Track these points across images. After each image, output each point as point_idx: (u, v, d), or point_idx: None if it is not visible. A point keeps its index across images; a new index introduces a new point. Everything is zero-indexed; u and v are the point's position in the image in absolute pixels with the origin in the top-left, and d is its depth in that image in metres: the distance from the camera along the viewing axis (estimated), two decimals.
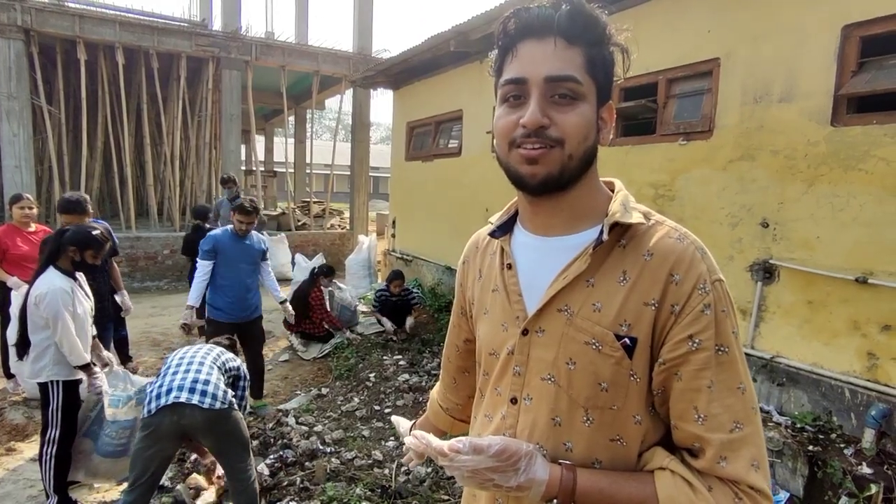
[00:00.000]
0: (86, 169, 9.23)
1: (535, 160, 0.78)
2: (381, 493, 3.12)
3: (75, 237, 2.75)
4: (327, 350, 5.82)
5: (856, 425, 2.97)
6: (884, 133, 2.87)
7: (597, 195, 0.87)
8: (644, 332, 0.77)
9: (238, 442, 2.56)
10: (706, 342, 0.75)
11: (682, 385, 0.76)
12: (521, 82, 0.78)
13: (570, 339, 0.80)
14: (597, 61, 0.80)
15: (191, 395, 2.36)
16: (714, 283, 0.77)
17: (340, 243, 11.05)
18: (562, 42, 0.77)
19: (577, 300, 0.81)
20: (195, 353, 2.66)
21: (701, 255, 0.79)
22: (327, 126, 43.77)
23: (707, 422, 0.74)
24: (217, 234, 4.08)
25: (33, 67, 8.45)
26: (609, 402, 0.79)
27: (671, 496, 0.72)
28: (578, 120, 0.78)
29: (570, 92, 0.77)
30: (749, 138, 3.46)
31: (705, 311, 0.75)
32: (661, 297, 0.77)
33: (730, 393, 0.75)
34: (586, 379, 0.79)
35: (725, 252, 3.60)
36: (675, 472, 0.74)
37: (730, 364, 0.76)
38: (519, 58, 0.79)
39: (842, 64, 3.04)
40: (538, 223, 0.88)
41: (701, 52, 3.74)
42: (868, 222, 2.93)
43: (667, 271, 0.77)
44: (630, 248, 0.81)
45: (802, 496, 2.88)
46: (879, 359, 2.91)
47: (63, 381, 2.75)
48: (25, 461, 3.36)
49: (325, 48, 10.75)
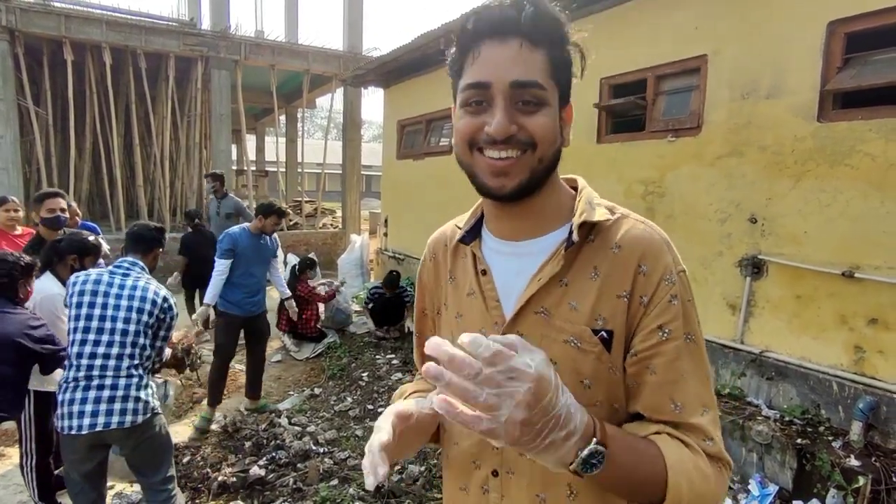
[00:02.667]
0: (74, 170, 9.15)
1: (503, 172, 0.77)
2: (374, 493, 3.12)
3: (73, 245, 2.72)
4: (320, 350, 5.82)
5: (844, 418, 3.00)
6: (869, 128, 2.89)
7: (561, 196, 0.87)
8: (619, 324, 0.78)
9: (155, 449, 2.38)
10: (675, 331, 0.76)
11: (658, 378, 0.76)
12: (484, 87, 0.75)
13: (549, 339, 0.80)
14: (559, 64, 0.78)
15: (108, 418, 2.15)
16: (679, 274, 0.79)
17: (332, 242, 11.02)
18: (526, 44, 0.74)
19: (553, 301, 0.81)
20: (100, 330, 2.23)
21: (666, 246, 0.81)
22: (318, 125, 43.61)
23: (684, 409, 0.76)
24: (235, 233, 4.16)
25: (19, 68, 8.35)
26: (592, 399, 0.79)
27: (675, 452, 0.73)
28: (547, 122, 0.77)
29: (535, 98, 0.75)
30: (737, 134, 3.48)
31: (673, 302, 0.77)
32: (632, 288, 0.78)
33: (699, 382, 0.78)
34: (569, 377, 0.77)
35: (714, 248, 3.62)
36: (672, 434, 0.75)
37: (697, 351, 0.78)
38: (481, 60, 0.76)
39: (827, 60, 3.07)
40: (506, 228, 0.88)
41: (689, 48, 3.75)
42: (854, 217, 2.95)
43: (635, 263, 0.78)
44: (598, 244, 0.81)
45: (791, 489, 2.91)
46: (866, 352, 2.94)
47: (34, 390, 2.66)
48: (14, 466, 3.32)
49: (315, 47, 10.71)
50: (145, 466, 2.40)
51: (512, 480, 0.84)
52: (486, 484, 0.87)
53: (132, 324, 2.29)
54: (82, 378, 2.18)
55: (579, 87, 0.86)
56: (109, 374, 2.20)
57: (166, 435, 2.46)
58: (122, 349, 2.25)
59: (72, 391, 2.18)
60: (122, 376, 2.22)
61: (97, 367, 2.19)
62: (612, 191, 4.25)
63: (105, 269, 2.41)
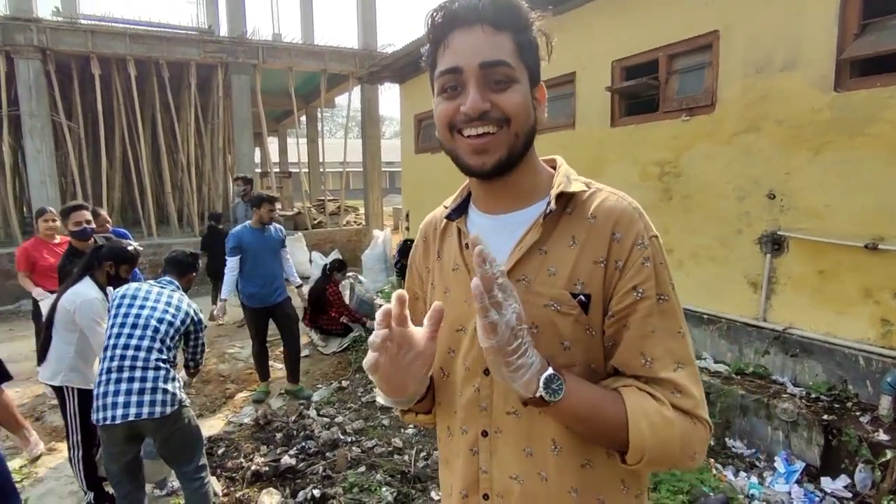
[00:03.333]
0: (107, 180, 9.52)
1: (483, 149, 0.82)
2: (400, 479, 3.21)
3: (112, 252, 2.89)
4: (346, 344, 5.94)
5: (872, 393, 2.95)
6: (889, 95, 2.82)
7: (540, 173, 0.93)
8: (596, 288, 0.83)
9: (184, 439, 2.52)
10: (648, 291, 0.81)
11: (631, 333, 0.82)
12: (456, 71, 0.81)
13: (531, 304, 0.84)
14: (524, 45, 0.83)
15: (140, 408, 2.30)
16: (651, 239, 0.84)
17: (356, 239, 11.18)
18: (489, 29, 0.80)
19: (533, 268, 0.86)
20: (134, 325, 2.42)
21: (638, 214, 0.85)
22: (339, 124, 44.03)
23: (653, 364, 0.81)
24: (238, 231, 4.43)
25: (51, 85, 8.71)
26: (571, 360, 0.84)
27: (638, 400, 0.78)
28: (519, 99, 0.81)
29: (505, 77, 0.81)
30: (752, 110, 3.42)
31: (645, 264, 0.82)
32: (607, 254, 0.83)
33: (671, 338, 0.82)
34: (550, 340, 0.83)
35: (733, 226, 3.58)
36: (640, 388, 0.80)
37: (670, 311, 0.83)
38: (451, 48, 0.82)
39: (843, 27, 2.99)
40: (490, 203, 0.94)
41: (699, 25, 3.70)
42: (876, 187, 2.89)
43: (609, 230, 0.84)
44: (575, 214, 0.87)
45: (819, 465, 2.88)
46: (894, 325, 2.88)
47: (78, 388, 2.85)
48: (65, 459, 3.53)
49: (330, 46, 10.83)
50: (178, 456, 2.55)
51: (500, 439, 0.89)
52: (476, 446, 0.92)
53: (163, 325, 2.50)
54: (115, 369, 2.34)
55: (591, 72, 0.91)
56: (139, 366, 2.36)
57: (195, 426, 2.61)
58: (151, 343, 2.42)
59: (105, 384, 2.34)
60: (150, 368, 2.38)
61: (129, 357, 2.36)
62: (628, 173, 4.23)
63: (146, 283, 2.65)
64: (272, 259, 4.50)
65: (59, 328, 2.82)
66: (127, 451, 2.44)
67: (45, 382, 2.96)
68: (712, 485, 2.85)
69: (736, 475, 3.00)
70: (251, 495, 3.12)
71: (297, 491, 3.14)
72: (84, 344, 2.84)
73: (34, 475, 3.42)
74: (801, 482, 2.84)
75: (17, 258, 4.44)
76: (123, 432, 2.35)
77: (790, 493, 2.78)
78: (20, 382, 4.96)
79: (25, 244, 4.50)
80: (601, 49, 4.34)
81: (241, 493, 3.14)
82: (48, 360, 2.85)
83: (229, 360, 5.60)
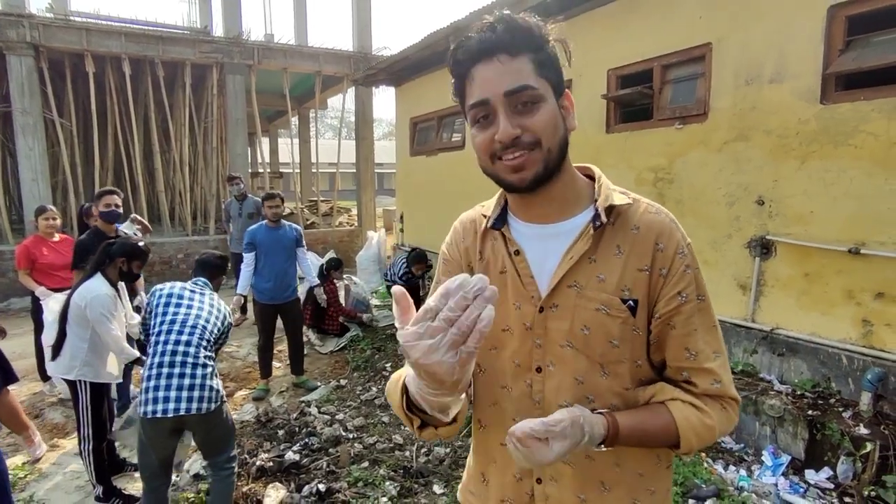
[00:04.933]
0: (98, 178, 9.44)
1: (520, 167, 0.89)
2: (403, 474, 3.30)
3: (123, 249, 2.96)
4: (343, 343, 6.01)
5: (853, 390, 3.11)
6: (871, 108, 2.98)
7: (578, 182, 1.00)
8: (642, 293, 0.93)
9: (223, 433, 2.64)
10: (690, 295, 0.93)
11: (677, 332, 0.94)
12: (484, 103, 0.88)
13: (582, 308, 0.94)
14: (544, 62, 0.89)
15: (189, 404, 2.40)
16: (688, 246, 0.96)
17: (349, 240, 11.23)
18: (506, 57, 0.86)
19: (584, 275, 0.94)
20: (183, 323, 2.53)
21: (675, 225, 0.96)
22: (330, 125, 43.92)
23: (697, 356, 0.94)
24: (253, 229, 4.63)
25: (44, 82, 8.64)
26: (620, 356, 0.94)
27: (686, 416, 0.92)
28: (546, 118, 0.88)
29: (530, 98, 0.87)
30: (742, 120, 3.58)
31: (687, 271, 0.94)
32: (651, 263, 0.93)
33: (708, 331, 0.96)
34: (600, 339, 0.93)
35: (724, 230, 3.73)
36: (684, 400, 0.94)
37: (706, 309, 0.96)
38: (476, 82, 0.89)
39: (829, 43, 3.15)
40: (533, 214, 1.00)
41: (693, 37, 3.85)
42: (859, 195, 3.05)
43: (652, 241, 0.94)
44: (619, 225, 0.95)
45: (804, 458, 3.02)
46: (874, 325, 3.04)
47: (90, 382, 2.92)
48: (69, 455, 3.57)
49: (325, 48, 10.87)
50: (215, 448, 2.64)
51: (555, 486, 0.99)
52: (532, 490, 1.01)
53: (209, 324, 2.62)
54: (166, 364, 2.44)
55: (587, 80, 1.01)
56: (190, 362, 2.46)
57: (232, 420, 2.74)
58: (199, 341, 2.53)
59: (156, 378, 2.42)
60: (199, 365, 2.48)
61: (179, 353, 2.46)
62: (622, 179, 4.37)
63: (185, 284, 2.76)
64: (284, 257, 4.62)
65: (72, 324, 2.87)
66: (169, 445, 2.52)
67: (59, 376, 3.00)
68: (704, 477, 2.99)
69: (726, 468, 3.15)
70: (257, 490, 3.19)
71: (302, 485, 3.21)
72: (96, 339, 2.89)
73: (39, 471, 3.44)
74: (786, 474, 2.99)
75: (17, 256, 4.44)
76: (170, 426, 2.44)
77: (776, 484, 2.92)
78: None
79: (25, 242, 4.51)
80: (597, 58, 4.49)
81: (248, 488, 3.20)
82: (62, 355, 2.89)
83: (228, 359, 5.64)
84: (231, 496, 2.73)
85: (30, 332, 4.90)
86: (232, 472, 2.71)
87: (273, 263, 4.54)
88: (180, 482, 3.27)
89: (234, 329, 6.46)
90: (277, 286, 4.57)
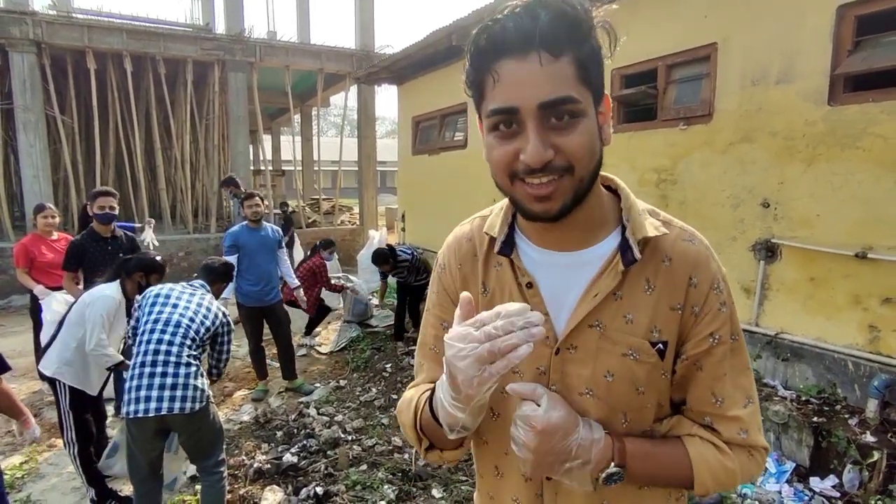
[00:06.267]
0: (99, 175, 9.43)
1: (547, 197, 0.73)
2: (402, 477, 3.26)
3: (142, 264, 2.97)
4: (343, 344, 5.99)
5: (860, 396, 3.06)
6: (880, 110, 2.93)
7: (603, 202, 0.85)
8: (672, 334, 0.82)
9: (210, 435, 2.59)
10: (724, 336, 0.82)
11: (704, 374, 0.83)
12: (511, 112, 0.70)
13: (606, 352, 0.81)
14: (588, 64, 0.71)
15: (172, 403, 2.36)
16: (723, 279, 0.84)
17: (351, 239, 11.20)
18: (547, 57, 0.68)
19: (608, 314, 0.81)
20: (167, 322, 2.49)
21: (710, 255, 0.85)
22: (332, 122, 43.90)
23: (724, 403, 0.83)
24: (235, 230, 4.55)
25: (45, 79, 8.63)
26: (644, 403, 0.84)
27: (701, 453, 0.82)
28: (584, 140, 0.72)
29: (569, 112, 0.70)
30: (748, 121, 3.52)
31: (721, 309, 0.82)
32: (684, 300, 0.81)
33: (741, 373, 0.85)
34: (625, 387, 0.82)
35: (728, 233, 3.68)
36: (703, 437, 0.84)
37: (740, 349, 0.85)
38: (502, 83, 0.70)
39: (837, 44, 3.10)
40: (549, 239, 0.85)
41: (699, 37, 3.80)
42: (866, 198, 2.99)
43: (686, 276, 0.81)
44: (648, 256, 0.82)
45: (808, 466, 2.98)
46: (881, 331, 2.98)
47: (69, 385, 2.85)
48: (65, 456, 3.53)
49: (327, 46, 10.84)
50: (201, 450, 2.60)
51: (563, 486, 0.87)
52: (540, 489, 0.89)
53: (194, 324, 2.57)
54: (148, 364, 2.40)
55: None
56: (172, 361, 2.42)
57: (219, 422, 2.68)
58: (183, 340, 2.49)
59: (138, 378, 2.39)
60: (181, 364, 2.44)
61: (161, 353, 2.42)
62: (625, 179, 4.23)
63: (176, 285, 2.72)
64: (267, 259, 4.59)
65: (70, 321, 2.85)
66: (155, 447, 2.49)
67: (40, 369, 2.96)
68: None
69: None
70: (254, 492, 3.16)
71: (299, 488, 3.18)
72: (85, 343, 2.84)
73: (36, 471, 3.42)
74: (791, 482, 2.94)
75: (15, 254, 4.42)
76: (154, 426, 2.41)
77: (781, 492, 2.88)
78: (17, 378, 4.94)
79: (24, 240, 4.49)
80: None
81: (245, 491, 3.18)
82: (51, 349, 2.87)
83: None
84: (222, 502, 2.69)
85: (29, 331, 4.89)
86: (221, 476, 2.67)
87: (258, 265, 4.51)
88: (175, 484, 3.25)
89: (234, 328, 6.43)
90: (263, 288, 4.54)
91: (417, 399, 0.90)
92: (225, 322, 2.74)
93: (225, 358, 2.81)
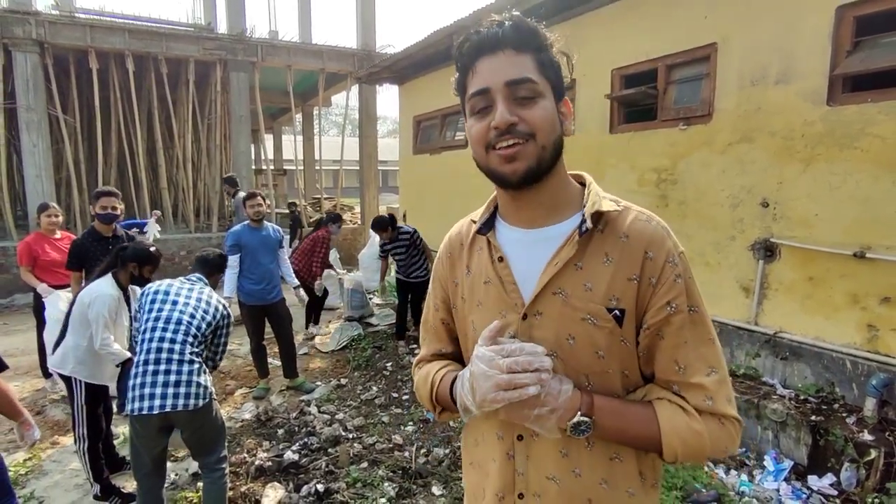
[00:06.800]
0: (102, 174, 9.47)
1: (513, 157, 0.88)
2: (402, 474, 3.29)
3: (135, 254, 2.96)
4: (344, 343, 6.01)
5: (858, 395, 3.07)
6: (878, 111, 2.94)
7: (569, 187, 0.98)
8: (630, 303, 0.90)
9: (213, 431, 2.61)
10: (681, 305, 0.89)
11: (665, 343, 0.90)
12: (485, 92, 0.89)
13: (567, 317, 0.91)
14: (546, 63, 0.90)
15: (175, 400, 2.38)
16: (679, 255, 0.91)
17: (352, 238, 11.23)
18: (511, 52, 0.88)
19: (570, 283, 0.91)
20: (168, 320, 2.50)
21: (666, 233, 0.92)
22: (334, 122, 43.92)
23: (686, 370, 0.89)
24: (237, 230, 4.56)
25: (48, 79, 8.67)
26: (605, 367, 0.91)
27: (669, 416, 0.88)
28: (543, 113, 0.88)
29: (530, 92, 0.87)
30: (747, 121, 3.54)
31: (677, 281, 0.89)
32: (640, 272, 0.89)
33: (702, 343, 0.90)
34: (586, 350, 0.90)
35: (727, 232, 3.69)
36: (672, 401, 0.89)
37: (700, 321, 0.91)
38: (479, 73, 0.90)
39: (836, 44, 3.11)
40: (522, 217, 0.98)
41: (698, 37, 3.81)
42: (865, 198, 3.01)
43: (642, 250, 0.90)
44: (608, 233, 0.92)
45: (806, 464, 3.00)
46: (879, 330, 3.00)
47: (85, 382, 2.91)
48: (69, 453, 3.57)
49: (329, 46, 10.86)
50: (204, 447, 2.62)
51: (535, 442, 0.95)
52: (512, 450, 0.97)
53: (196, 319, 2.57)
54: (151, 361, 2.42)
55: (591, 79, 0.98)
56: (175, 359, 2.44)
57: (221, 419, 2.70)
58: (185, 337, 2.50)
59: (142, 375, 2.41)
60: (185, 361, 2.46)
61: (164, 350, 2.44)
62: (625, 179, 4.34)
63: (176, 280, 2.73)
64: (269, 258, 4.62)
65: (74, 321, 2.88)
66: (158, 443, 2.51)
67: (55, 370, 3.00)
68: (705, 482, 2.96)
69: (727, 473, 3.12)
70: (255, 489, 3.18)
71: (300, 486, 3.20)
72: None
73: (39, 468, 3.45)
74: (788, 480, 2.96)
75: (18, 253, 4.45)
76: (158, 423, 2.43)
77: (778, 490, 2.90)
78: (19, 376, 4.98)
79: (27, 239, 4.52)
80: (601, 57, 4.45)
81: (246, 488, 3.20)
82: (60, 348, 2.90)
83: (228, 357, 5.63)
84: (224, 499, 2.71)
85: (33, 329, 4.92)
86: (223, 473, 2.69)
87: (260, 264, 4.54)
88: (179, 481, 3.28)
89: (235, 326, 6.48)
90: (265, 287, 4.56)
91: (433, 377, 1.07)
92: (225, 314, 2.74)
93: (222, 350, 2.80)
